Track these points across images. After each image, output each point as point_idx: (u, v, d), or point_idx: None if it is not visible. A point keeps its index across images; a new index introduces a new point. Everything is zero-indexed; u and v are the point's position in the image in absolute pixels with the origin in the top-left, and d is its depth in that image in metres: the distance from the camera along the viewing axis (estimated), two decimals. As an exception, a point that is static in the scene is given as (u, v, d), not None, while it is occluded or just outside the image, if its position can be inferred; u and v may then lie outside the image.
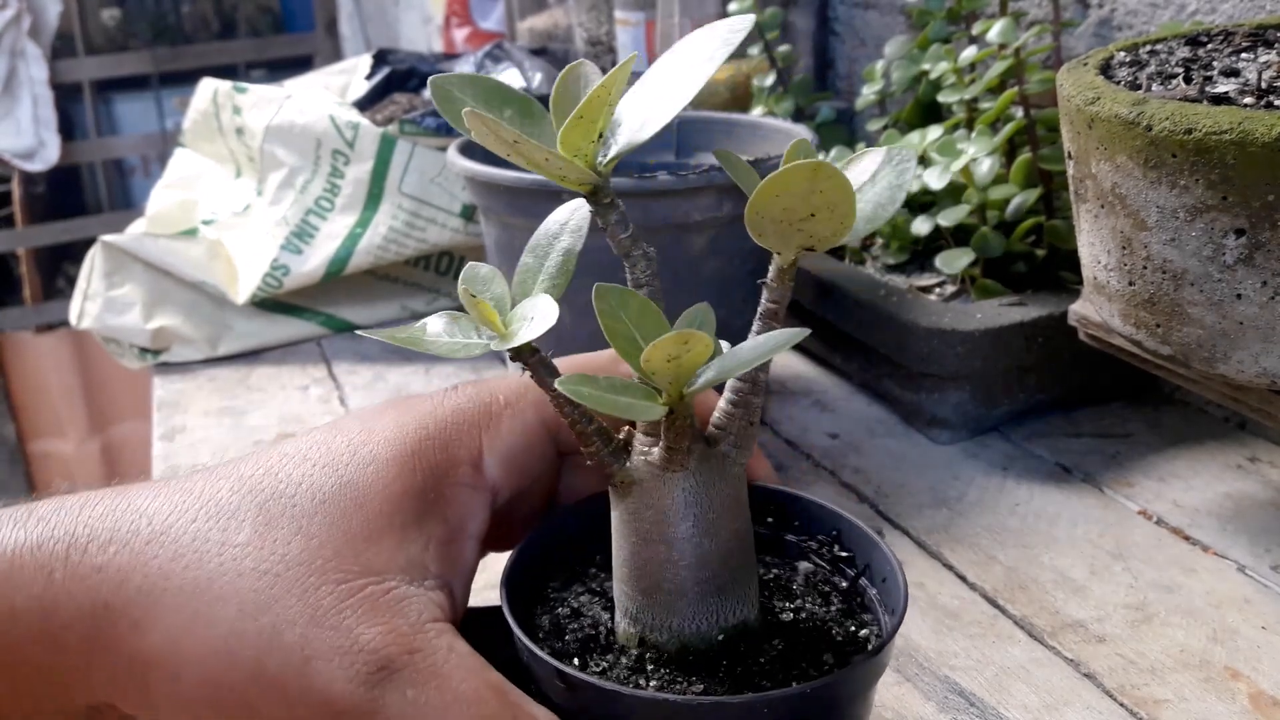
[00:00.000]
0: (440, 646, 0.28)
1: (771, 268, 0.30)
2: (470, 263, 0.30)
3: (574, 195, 0.30)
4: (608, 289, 0.28)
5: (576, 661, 0.31)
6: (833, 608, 0.33)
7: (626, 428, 0.31)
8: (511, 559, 0.33)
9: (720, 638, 0.30)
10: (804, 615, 0.33)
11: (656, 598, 0.30)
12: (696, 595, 0.30)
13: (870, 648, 0.31)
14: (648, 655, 0.30)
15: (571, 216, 0.31)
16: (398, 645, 0.27)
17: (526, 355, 0.29)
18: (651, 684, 0.29)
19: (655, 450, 0.29)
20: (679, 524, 0.29)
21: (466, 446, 0.32)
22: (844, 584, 0.34)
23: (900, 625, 0.30)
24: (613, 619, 0.32)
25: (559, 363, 0.31)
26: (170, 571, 0.28)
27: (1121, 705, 0.43)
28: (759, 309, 0.30)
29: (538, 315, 0.28)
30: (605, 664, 0.31)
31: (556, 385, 0.26)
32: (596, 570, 0.35)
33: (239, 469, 0.30)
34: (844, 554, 0.35)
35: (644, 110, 0.28)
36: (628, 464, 0.30)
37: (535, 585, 0.34)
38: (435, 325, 0.29)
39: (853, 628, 0.32)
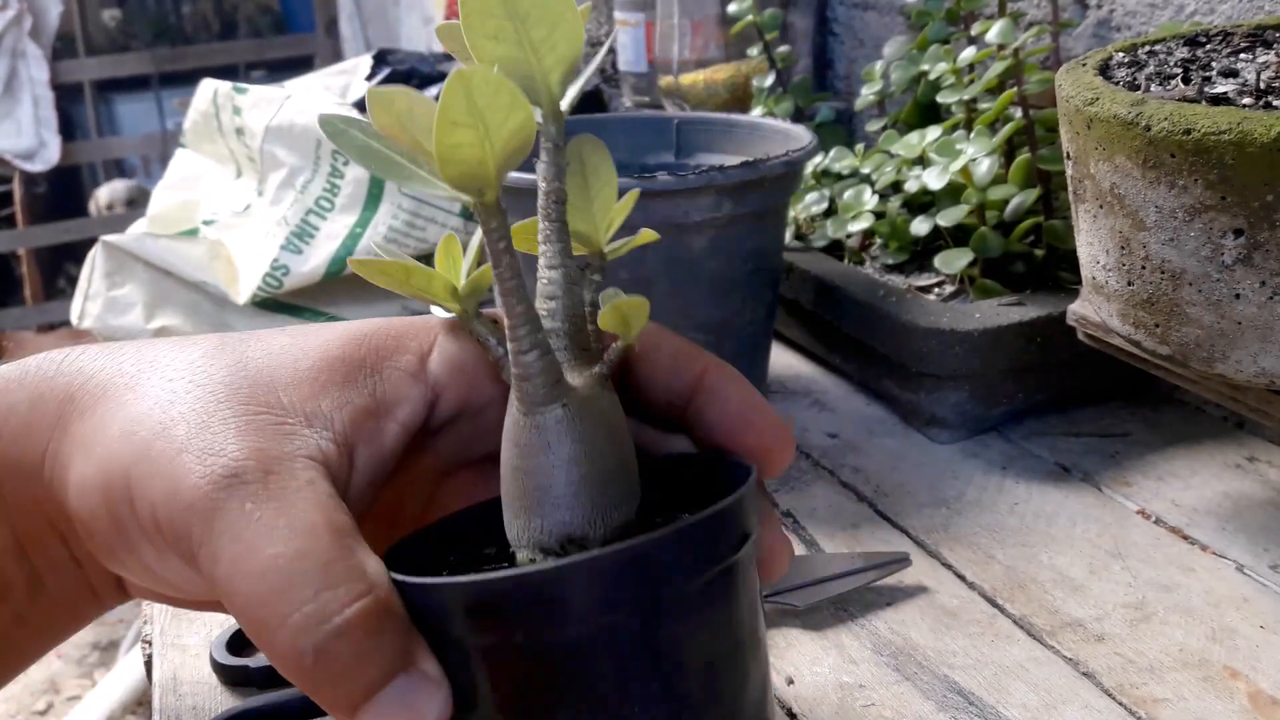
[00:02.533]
0: (299, 477, 0.28)
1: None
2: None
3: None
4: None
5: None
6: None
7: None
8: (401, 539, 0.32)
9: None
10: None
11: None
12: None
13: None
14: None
15: None
16: (256, 460, 0.28)
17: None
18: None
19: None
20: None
21: (417, 339, 0.33)
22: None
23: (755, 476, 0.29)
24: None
25: None
26: (123, 372, 0.31)
27: (1120, 704, 0.43)
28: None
29: None
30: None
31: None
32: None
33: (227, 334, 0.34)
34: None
35: None
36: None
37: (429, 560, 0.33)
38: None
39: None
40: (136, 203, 2.63)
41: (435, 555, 0.33)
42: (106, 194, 2.73)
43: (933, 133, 0.68)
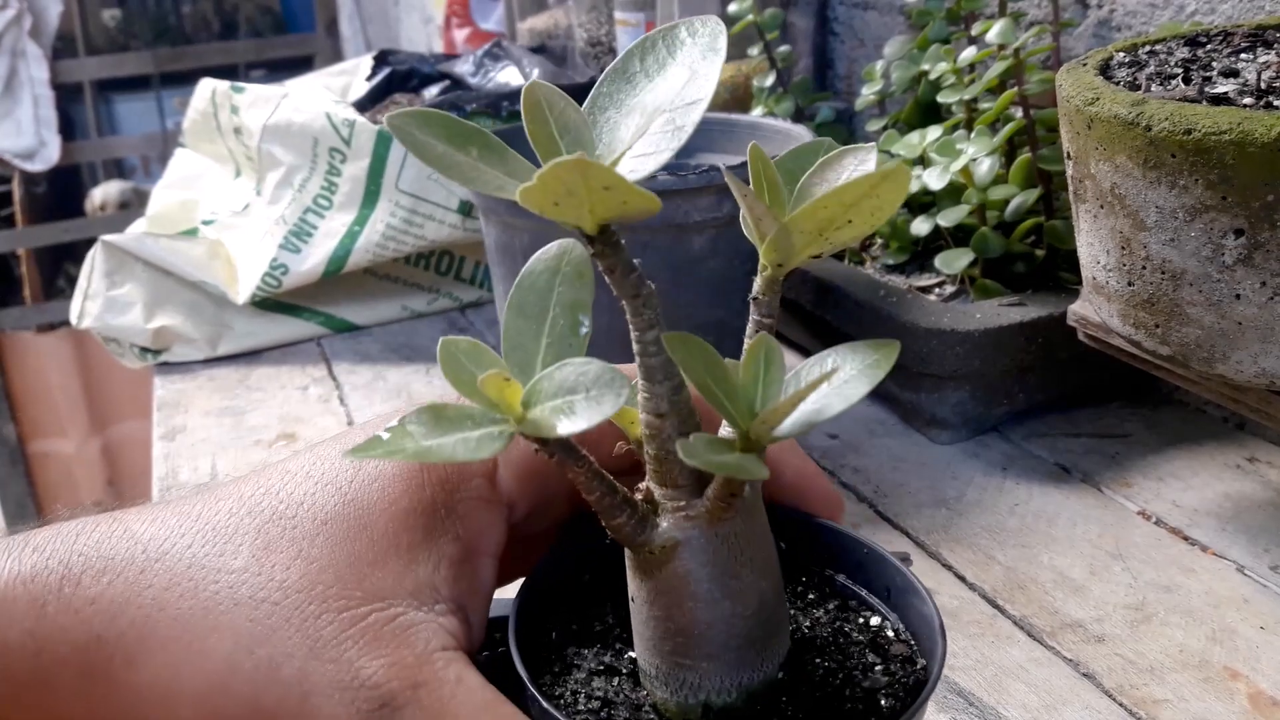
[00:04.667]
0: (448, 679, 0.26)
1: (760, 280, 0.27)
2: (443, 340, 0.25)
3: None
4: (678, 339, 0.24)
5: None
6: (869, 627, 0.31)
7: (644, 488, 0.28)
8: (515, 609, 0.30)
9: (781, 675, 0.29)
10: (833, 647, 0.31)
11: (723, 658, 0.28)
12: (761, 641, 0.28)
13: (920, 696, 0.29)
14: None
15: (563, 262, 0.27)
16: (401, 679, 0.25)
17: (551, 440, 0.26)
18: None
19: (698, 503, 0.27)
20: (739, 573, 0.27)
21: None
22: (874, 619, 0.32)
23: (937, 682, 0.28)
24: (645, 695, 0.29)
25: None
26: (165, 601, 0.26)
27: (1120, 705, 0.43)
28: (750, 327, 0.28)
29: (584, 398, 0.24)
30: None
31: (682, 455, 0.23)
32: (611, 627, 0.32)
33: (239, 489, 0.29)
34: (866, 583, 0.33)
35: (648, 139, 0.25)
36: (660, 527, 0.27)
37: (545, 642, 0.31)
38: (420, 427, 0.25)
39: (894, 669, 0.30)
40: (129, 204, 2.63)
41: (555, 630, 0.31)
42: (100, 194, 2.72)
43: (933, 132, 0.68)
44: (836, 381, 0.25)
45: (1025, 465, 0.60)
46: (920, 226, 0.67)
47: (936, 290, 0.67)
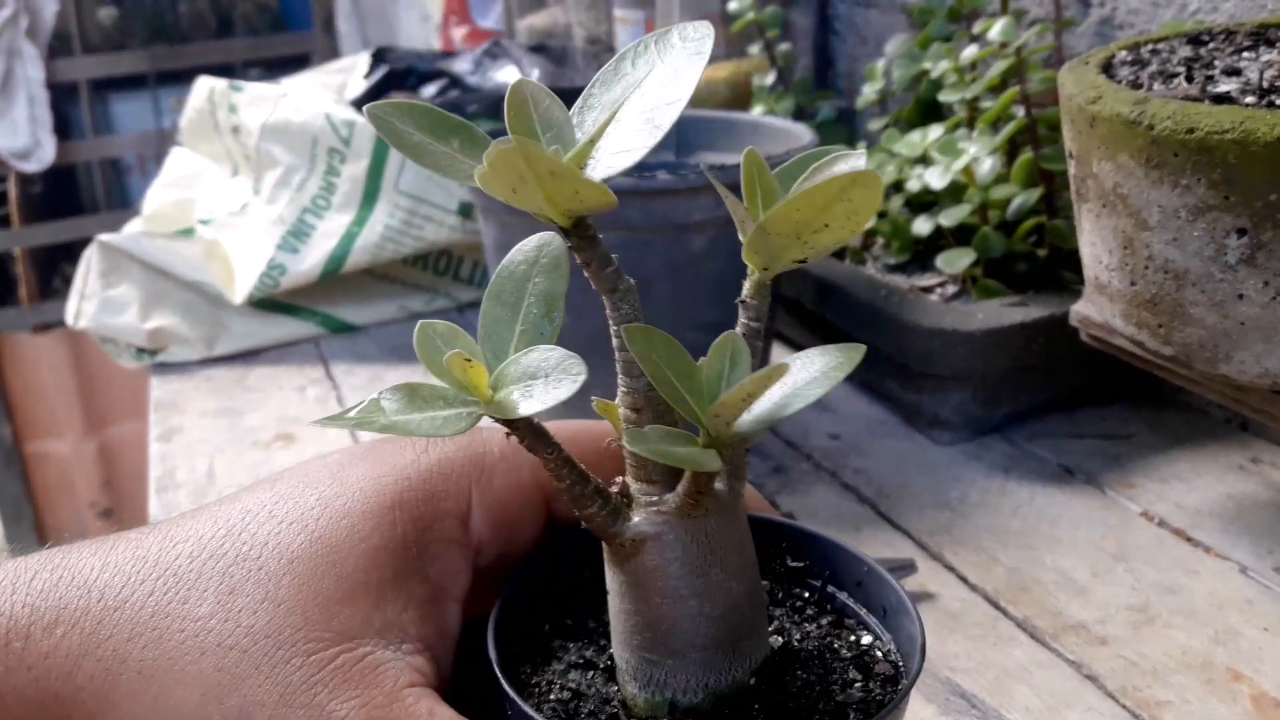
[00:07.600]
0: (420, 713, 0.26)
1: (749, 284, 0.27)
2: (421, 323, 0.26)
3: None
4: (639, 331, 0.25)
5: None
6: (851, 637, 0.31)
7: (620, 482, 0.28)
8: (495, 616, 0.30)
9: (752, 681, 0.29)
10: (810, 642, 0.31)
11: (689, 656, 0.28)
12: (730, 643, 0.28)
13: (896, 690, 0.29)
14: None
15: (541, 253, 0.27)
16: (373, 718, 0.25)
17: (520, 423, 0.26)
18: None
19: (669, 498, 0.27)
20: (708, 571, 0.27)
21: (454, 499, 0.30)
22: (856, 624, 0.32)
23: (905, 698, 0.28)
24: (616, 691, 0.30)
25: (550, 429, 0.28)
26: (127, 654, 0.25)
27: (1123, 707, 0.42)
28: (739, 329, 0.28)
29: (544, 383, 0.24)
30: None
31: (626, 443, 0.23)
32: (602, 625, 0.32)
33: (197, 529, 0.28)
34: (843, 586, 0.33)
35: (624, 136, 0.25)
36: (632, 520, 0.27)
37: (525, 644, 0.31)
38: (393, 403, 0.25)
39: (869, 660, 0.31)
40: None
41: (538, 634, 0.31)
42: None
43: (934, 131, 0.67)
44: (799, 381, 0.25)
45: (1027, 466, 0.60)
46: (922, 226, 0.67)
47: (938, 290, 0.67)
